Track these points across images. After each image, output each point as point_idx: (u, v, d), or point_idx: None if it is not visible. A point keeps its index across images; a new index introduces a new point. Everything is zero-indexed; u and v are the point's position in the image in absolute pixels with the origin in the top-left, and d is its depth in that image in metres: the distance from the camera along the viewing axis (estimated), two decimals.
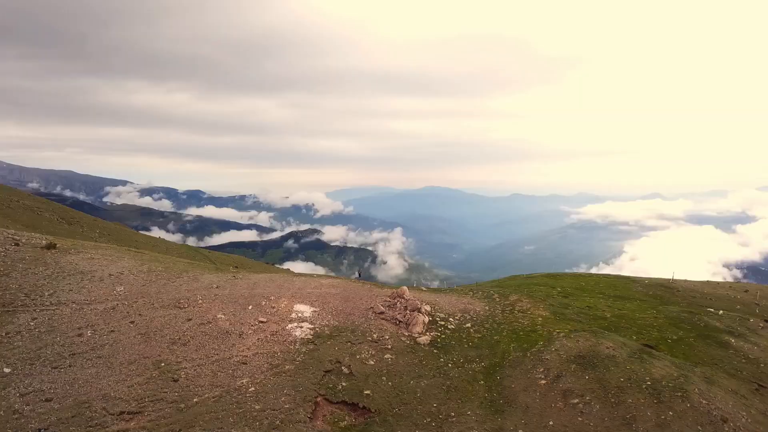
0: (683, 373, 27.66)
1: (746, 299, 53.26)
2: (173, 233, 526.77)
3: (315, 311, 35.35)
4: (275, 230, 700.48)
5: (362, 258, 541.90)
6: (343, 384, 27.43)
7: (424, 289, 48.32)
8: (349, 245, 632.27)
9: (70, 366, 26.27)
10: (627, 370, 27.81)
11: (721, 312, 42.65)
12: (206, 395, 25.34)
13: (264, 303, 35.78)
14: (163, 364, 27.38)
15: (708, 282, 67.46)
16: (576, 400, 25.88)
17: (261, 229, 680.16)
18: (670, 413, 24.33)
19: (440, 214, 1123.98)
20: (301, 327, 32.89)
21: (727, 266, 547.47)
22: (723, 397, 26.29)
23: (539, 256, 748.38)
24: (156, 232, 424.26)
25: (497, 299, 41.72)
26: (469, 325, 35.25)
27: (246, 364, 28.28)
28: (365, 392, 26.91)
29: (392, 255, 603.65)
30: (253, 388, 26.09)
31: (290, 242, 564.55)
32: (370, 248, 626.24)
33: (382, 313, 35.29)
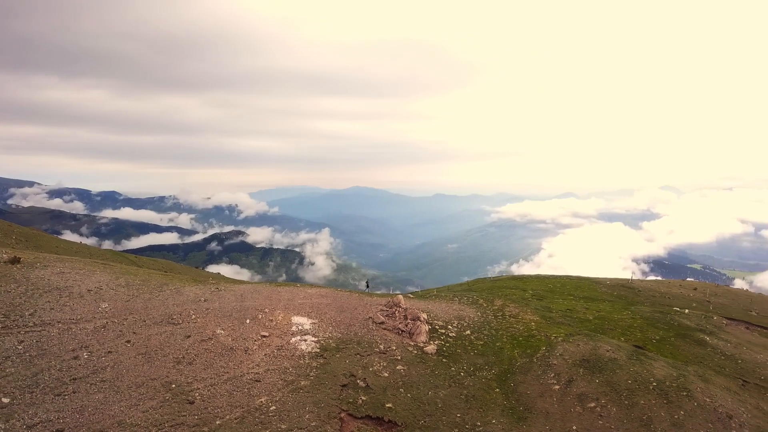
0: (681, 373, 29.50)
1: (698, 297, 57.26)
2: (87, 237, 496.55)
3: (314, 323, 34.76)
4: (197, 232, 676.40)
5: (289, 259, 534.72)
6: (363, 398, 27.19)
7: (411, 296, 48.63)
8: (275, 247, 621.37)
9: (74, 392, 24.47)
10: (631, 372, 29.31)
11: (687, 311, 45.68)
12: (227, 417, 24.39)
13: (260, 316, 34.78)
14: (173, 386, 26.06)
15: (660, 281, 71.90)
16: (593, 404, 26.98)
17: (182, 232, 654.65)
18: (682, 413, 25.91)
19: (367, 214, 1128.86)
20: (305, 340, 32.26)
21: (636, 261, 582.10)
22: (721, 394, 28.25)
23: (462, 254, 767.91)
24: (68, 236, 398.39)
25: (485, 305, 42.65)
26: (468, 332, 35.81)
27: (260, 381, 27.42)
28: (387, 405, 26.80)
29: (320, 256, 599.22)
30: (274, 407, 25.38)
31: (213, 244, 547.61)
32: (297, 249, 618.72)
33: (382, 323, 35.18)
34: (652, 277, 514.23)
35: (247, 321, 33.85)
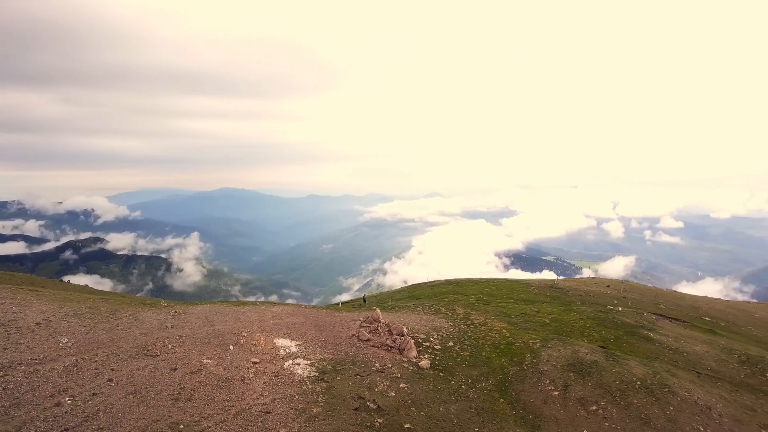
0: (655, 370, 32.39)
1: (614, 294, 62.84)
2: None
3: (299, 344, 33.33)
4: (48, 240, 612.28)
5: (155, 267, 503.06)
6: (379, 420, 26.66)
7: (376, 308, 48.10)
8: (139, 253, 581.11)
9: None
10: (614, 372, 31.65)
11: (620, 309, 50.03)
12: None
13: (242, 341, 32.67)
14: (181, 426, 23.74)
15: (577, 279, 77.45)
16: (594, 407, 28.78)
17: (30, 240, 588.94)
18: (671, 408, 28.52)
19: (238, 216, 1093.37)
20: (299, 364, 30.88)
21: (498, 255, 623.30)
22: (692, 387, 31.45)
23: (337, 253, 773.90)
24: None
25: (449, 314, 43.46)
26: (451, 343, 36.39)
27: (271, 413, 25.82)
28: (406, 426, 26.50)
29: (189, 261, 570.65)
30: None
31: (68, 253, 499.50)
32: (163, 255, 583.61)
33: (368, 340, 34.62)
34: (513, 270, 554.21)
35: (231, 347, 31.69)
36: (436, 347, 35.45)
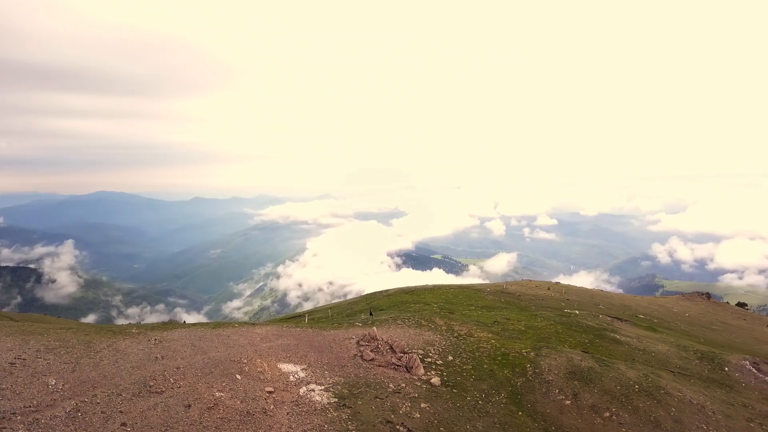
0: (644, 373, 34.56)
1: (558, 297, 66.10)
2: None
3: (304, 369, 31.74)
4: None
5: (22, 278, 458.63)
6: None
7: (359, 324, 46.51)
8: (3, 264, 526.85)
9: None
10: (611, 377, 33.36)
11: (577, 312, 52.72)
12: None
13: (246, 369, 30.51)
14: None
15: (520, 283, 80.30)
16: (607, 414, 30.12)
17: None
18: (673, 409, 30.58)
19: (116, 221, 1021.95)
20: (313, 390, 29.42)
21: (390, 255, 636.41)
22: (679, 386, 33.93)
23: (226, 258, 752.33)
24: None
25: (432, 326, 43.32)
26: (450, 357, 36.34)
27: None
28: None
29: (63, 272, 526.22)
30: None
31: None
32: (32, 266, 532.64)
33: (372, 359, 33.70)
34: (404, 269, 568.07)
35: (238, 377, 29.52)
36: (438, 362, 35.36)
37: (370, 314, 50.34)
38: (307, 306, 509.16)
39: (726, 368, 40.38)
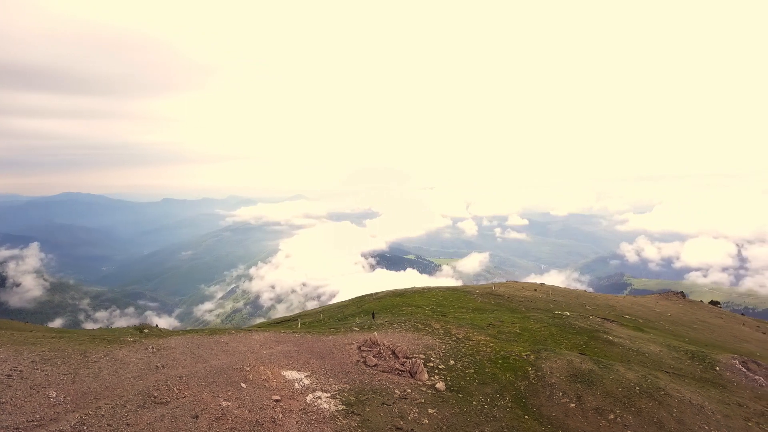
0: (642, 374, 35.04)
1: (545, 298, 66.68)
2: None
3: (308, 376, 31.31)
4: None
5: None
6: None
7: (356, 329, 46.01)
8: None
9: None
10: (612, 379, 33.73)
11: (568, 313, 53.23)
12: None
13: (250, 376, 29.95)
14: None
15: (507, 285, 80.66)
16: (612, 416, 30.40)
17: None
18: (675, 410, 31.04)
19: (84, 223, 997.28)
20: (320, 398, 29.04)
21: (364, 255, 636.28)
22: (677, 387, 34.47)
23: (198, 260, 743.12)
24: None
25: (429, 330, 43.16)
26: (452, 362, 36.27)
27: None
28: None
29: (28, 275, 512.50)
30: None
31: None
32: None
33: (376, 365, 33.41)
34: (378, 270, 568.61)
35: (243, 385, 28.94)
36: (440, 367, 35.26)
37: (372, 317, 49.98)
38: (280, 308, 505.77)
39: (717, 368, 41.29)
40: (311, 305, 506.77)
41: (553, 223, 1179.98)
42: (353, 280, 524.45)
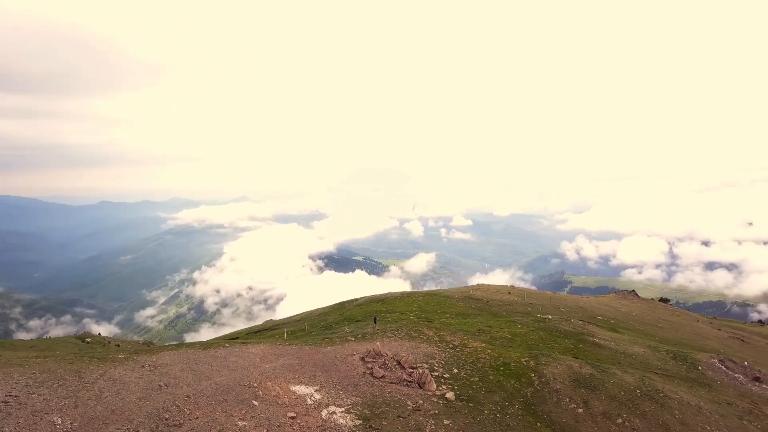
0: (638, 377, 35.95)
1: (521, 301, 67.50)
2: None
3: (318, 390, 30.41)
4: None
5: None
6: None
7: (352, 339, 44.84)
8: None
9: None
10: (613, 383, 34.40)
11: (550, 317, 54.04)
12: None
13: (260, 393, 28.80)
14: None
15: (479, 287, 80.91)
16: (620, 420, 30.98)
17: None
18: (676, 412, 31.96)
19: (13, 227, 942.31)
20: (335, 413, 28.23)
21: (312, 258, 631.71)
22: (673, 388, 35.53)
23: (139, 264, 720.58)
24: None
25: (423, 337, 42.83)
26: (456, 370, 36.05)
27: None
28: None
29: None
30: None
31: None
32: None
33: (383, 377, 32.81)
34: (327, 271, 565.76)
35: (255, 402, 27.82)
36: (445, 376, 35.04)
37: (375, 322, 49.26)
38: (226, 312, 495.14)
39: (699, 367, 42.93)
40: (258, 309, 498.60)
41: (496, 223, 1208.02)
42: (301, 283, 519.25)
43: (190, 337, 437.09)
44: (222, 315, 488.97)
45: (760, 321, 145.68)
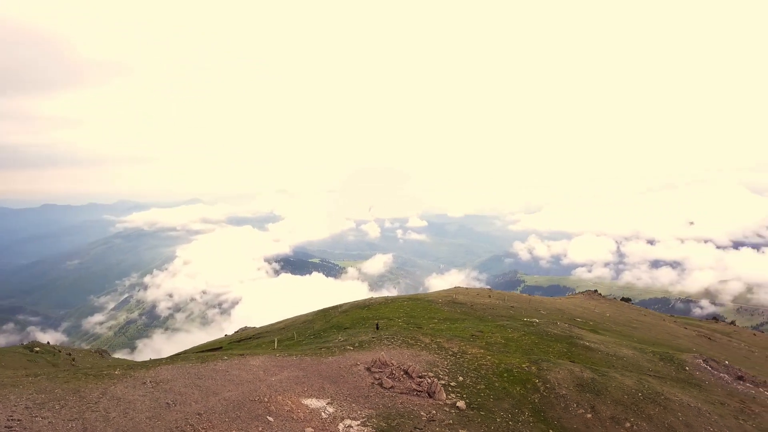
0: (636, 380, 36.63)
1: (502, 304, 68.00)
2: None
3: (329, 403, 29.65)
4: None
5: None
6: None
7: (350, 348, 43.79)
8: None
9: None
10: (615, 387, 34.90)
11: (536, 320, 54.55)
12: None
13: (273, 408, 27.78)
14: None
15: (459, 290, 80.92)
16: (628, 424, 31.39)
17: None
18: (679, 414, 32.67)
19: None
20: (351, 426, 27.51)
21: (267, 260, 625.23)
22: (672, 389, 36.35)
23: (86, 270, 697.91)
24: None
25: (421, 345, 42.40)
26: (461, 378, 35.82)
27: None
28: None
29: None
30: None
31: None
32: None
33: (392, 387, 32.25)
34: (283, 274, 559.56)
35: (270, 418, 26.83)
36: (452, 384, 34.79)
37: (377, 327, 48.57)
38: (180, 317, 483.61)
39: (687, 368, 44.20)
40: (212, 313, 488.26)
41: (450, 223, 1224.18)
42: (257, 286, 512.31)
43: (142, 344, 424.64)
44: (175, 320, 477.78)
45: (714, 318, 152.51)
